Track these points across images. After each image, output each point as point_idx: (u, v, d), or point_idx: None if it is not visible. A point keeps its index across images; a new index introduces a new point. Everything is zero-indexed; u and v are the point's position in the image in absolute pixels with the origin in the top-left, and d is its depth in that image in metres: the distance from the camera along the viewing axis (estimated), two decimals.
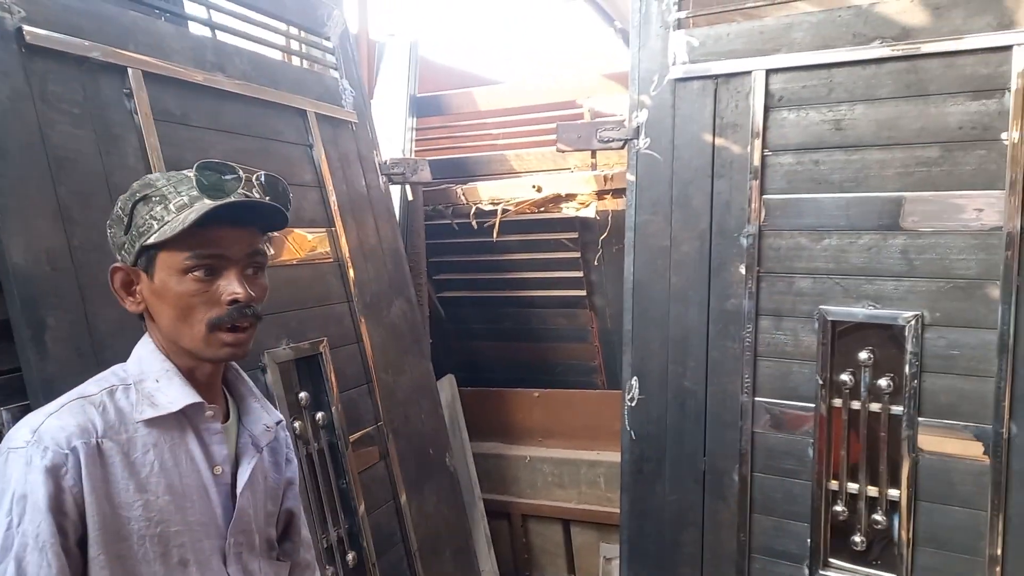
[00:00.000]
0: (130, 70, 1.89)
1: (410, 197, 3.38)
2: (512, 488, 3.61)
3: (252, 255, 1.13)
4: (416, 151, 3.71)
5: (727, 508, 2.49)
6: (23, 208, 1.57)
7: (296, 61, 2.75)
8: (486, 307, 3.85)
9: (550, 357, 3.82)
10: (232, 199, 1.09)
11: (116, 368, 1.18)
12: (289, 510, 1.39)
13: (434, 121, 3.95)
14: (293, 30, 2.70)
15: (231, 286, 1.09)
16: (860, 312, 2.25)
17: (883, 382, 2.20)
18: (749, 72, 2.40)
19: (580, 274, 3.58)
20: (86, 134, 1.75)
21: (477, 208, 3.43)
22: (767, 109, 2.37)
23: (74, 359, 1.59)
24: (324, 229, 2.47)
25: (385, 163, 2.96)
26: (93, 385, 1.13)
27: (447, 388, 3.55)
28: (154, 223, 1.08)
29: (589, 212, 3.29)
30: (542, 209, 3.39)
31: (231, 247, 1.10)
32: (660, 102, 2.56)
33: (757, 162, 2.38)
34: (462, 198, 3.46)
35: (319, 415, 2.24)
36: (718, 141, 2.46)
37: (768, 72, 2.37)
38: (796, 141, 2.35)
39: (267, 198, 1.16)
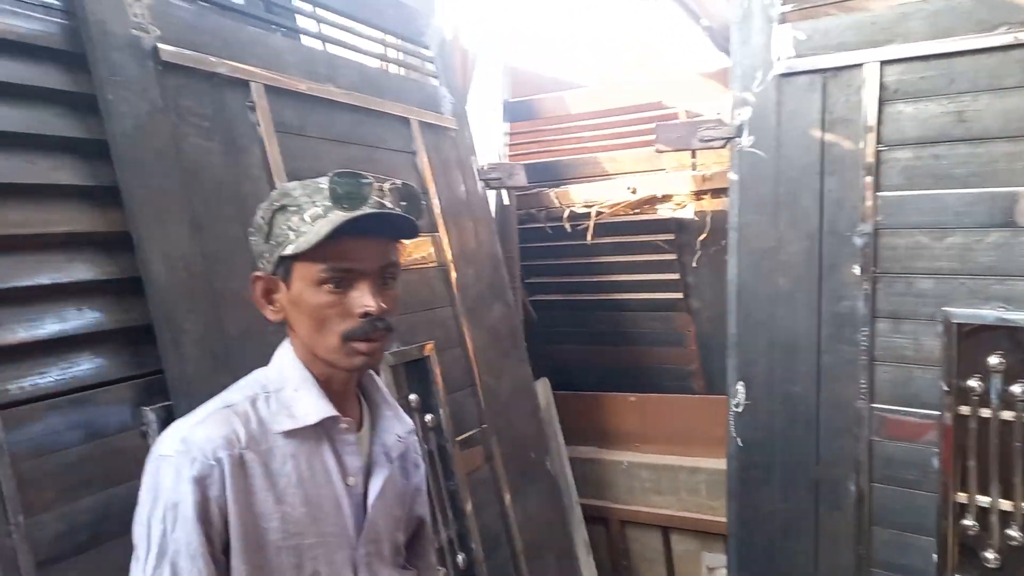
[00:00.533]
0: (252, 84, 1.98)
1: (506, 201, 3.40)
2: (609, 493, 3.58)
3: (384, 268, 1.13)
4: (510, 156, 3.74)
5: (843, 519, 2.39)
6: (161, 218, 1.65)
7: (398, 70, 2.81)
8: (580, 310, 3.83)
9: (645, 361, 3.77)
10: (363, 211, 1.08)
11: (258, 374, 1.20)
12: (419, 517, 1.40)
13: (526, 126, 3.97)
14: (396, 40, 2.76)
15: (363, 299, 1.09)
16: (989, 314, 2.12)
17: (1017, 389, 2.07)
18: (861, 65, 2.31)
19: (676, 276, 3.52)
20: (215, 145, 1.83)
21: (570, 211, 3.42)
22: (881, 102, 2.28)
23: (208, 361, 1.66)
24: (428, 234, 2.51)
25: (482, 168, 2.99)
26: (237, 392, 1.16)
27: (541, 392, 3.55)
28: (291, 233, 1.09)
29: (687, 213, 3.24)
30: (637, 211, 3.35)
31: (363, 260, 1.10)
32: (764, 99, 2.49)
33: (871, 158, 2.29)
34: (555, 201, 3.46)
35: (428, 417, 2.27)
36: (827, 137, 2.38)
37: (882, 64, 2.28)
38: (914, 135, 2.25)
39: (400, 206, 1.16)
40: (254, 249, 1.17)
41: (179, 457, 1.04)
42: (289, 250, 1.08)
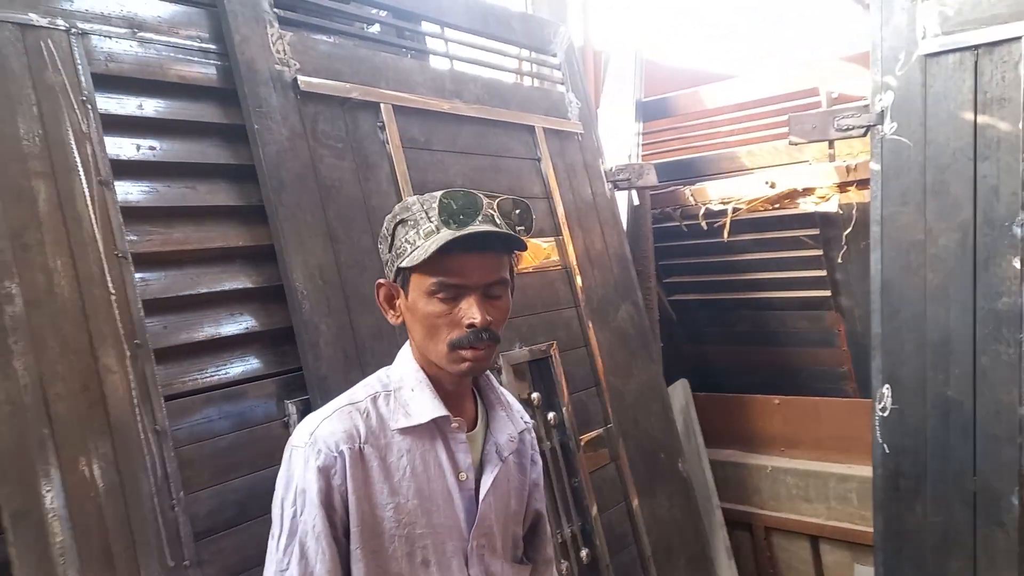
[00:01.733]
0: (382, 105, 2.15)
1: (636, 202, 3.39)
2: (753, 498, 3.46)
3: (492, 282, 1.17)
4: (643, 155, 3.72)
5: (1005, 535, 2.18)
6: (300, 232, 1.85)
7: (525, 80, 2.91)
8: (720, 310, 3.73)
9: (792, 362, 3.60)
10: (468, 231, 1.13)
11: (381, 373, 1.30)
12: (536, 511, 1.45)
13: (661, 124, 3.93)
14: (522, 52, 2.86)
15: (470, 311, 1.15)
16: None
17: None
18: (1019, 38, 2.10)
19: (823, 273, 3.34)
20: (348, 164, 2.01)
21: (706, 208, 3.35)
22: None
23: (341, 360, 1.83)
24: (552, 238, 2.59)
25: (610, 170, 3.01)
26: (361, 390, 1.25)
27: (680, 393, 3.50)
28: (407, 246, 1.16)
29: (830, 206, 3.07)
30: (777, 206, 3.22)
31: (471, 275, 1.15)
32: (907, 81, 2.32)
33: None
34: (691, 199, 3.40)
35: (550, 415, 2.34)
36: (981, 119, 2.18)
37: None
38: None
39: (510, 216, 1.20)
40: (382, 258, 1.26)
41: (307, 448, 1.16)
42: (405, 262, 1.16)
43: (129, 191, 1.63)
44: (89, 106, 1.56)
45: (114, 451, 1.46)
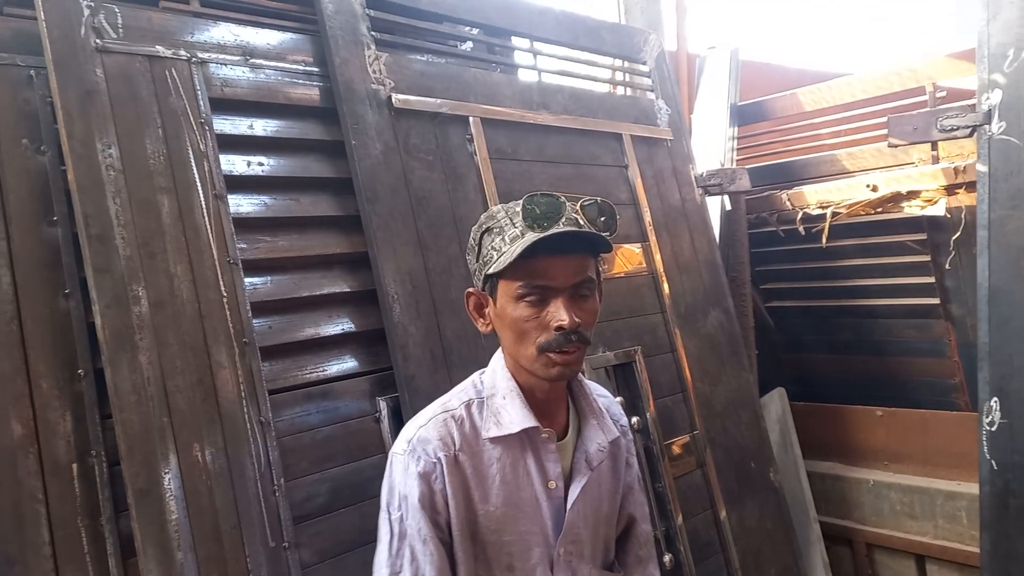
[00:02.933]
0: (471, 118, 2.25)
1: (729, 207, 3.35)
2: (854, 513, 3.33)
3: (579, 283, 1.19)
4: (738, 159, 3.66)
5: None
6: (392, 240, 1.97)
7: (614, 89, 2.95)
8: (819, 317, 3.62)
9: (897, 372, 3.45)
10: (552, 232, 1.14)
11: (475, 378, 1.34)
12: (630, 514, 1.45)
13: (757, 127, 3.85)
14: (612, 61, 2.90)
15: (558, 313, 1.16)
16: None
17: None
18: None
19: (931, 280, 3.18)
20: (437, 176, 2.13)
21: (804, 213, 3.26)
22: None
23: (428, 360, 1.94)
24: (639, 244, 2.61)
25: (701, 176, 3.00)
26: (456, 397, 1.30)
27: (777, 402, 3.42)
28: (494, 253, 1.19)
29: (937, 210, 2.93)
30: (879, 210, 3.10)
31: (557, 277, 1.17)
32: (1017, 79, 2.21)
33: None
34: (787, 203, 3.32)
35: (634, 419, 2.36)
36: None
37: None
38: None
39: (594, 221, 1.21)
40: (470, 268, 1.29)
41: (407, 456, 1.23)
42: (492, 269, 1.19)
43: (240, 203, 1.80)
44: (207, 127, 1.73)
45: (224, 439, 1.61)
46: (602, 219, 1.23)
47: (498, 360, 1.30)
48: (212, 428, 1.60)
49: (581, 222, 1.20)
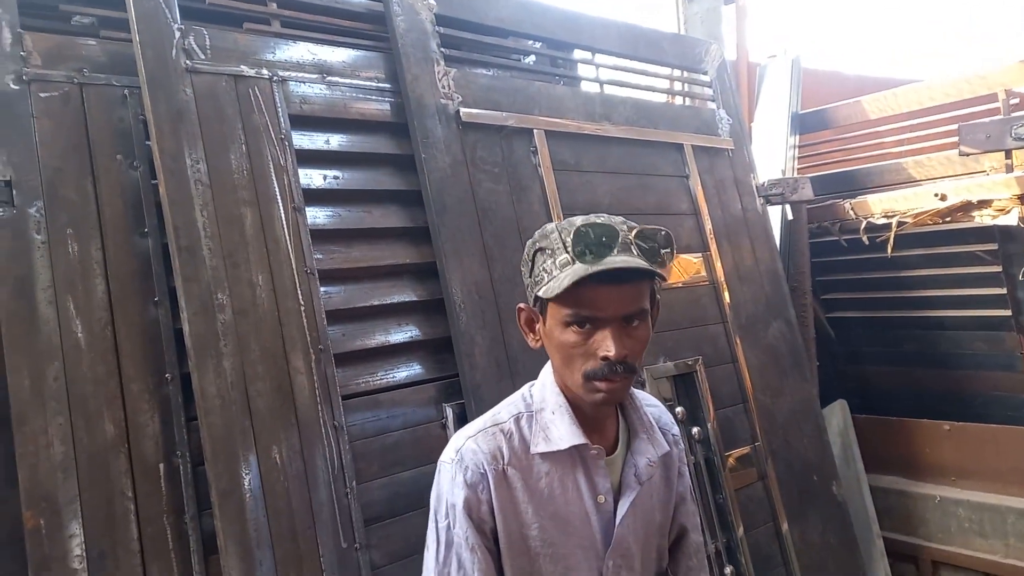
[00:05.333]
0: (535, 131, 2.29)
1: (791, 216, 3.32)
2: (919, 530, 3.25)
3: (628, 315, 1.16)
4: (800, 168, 3.62)
5: None
6: (459, 251, 2.02)
7: (676, 99, 2.95)
8: (883, 328, 3.55)
9: (965, 386, 3.35)
10: (600, 268, 1.12)
11: (525, 391, 1.34)
12: (681, 525, 1.45)
13: (819, 136, 3.80)
14: (673, 72, 2.90)
15: (605, 343, 1.14)
16: None
17: None
18: None
19: (1003, 291, 3.09)
20: (503, 188, 2.17)
21: (868, 222, 3.20)
22: None
23: (493, 368, 1.98)
24: (699, 254, 2.61)
25: (763, 185, 2.98)
26: (505, 411, 1.29)
27: (839, 414, 3.36)
28: (544, 275, 1.17)
29: (1010, 219, 2.85)
30: (948, 219, 3.03)
31: (605, 308, 1.14)
32: None
33: None
34: (851, 213, 3.27)
35: (695, 430, 2.37)
36: None
37: None
38: None
39: (649, 250, 1.17)
40: (524, 281, 1.28)
41: (454, 465, 1.24)
42: (541, 292, 1.18)
43: (316, 215, 1.87)
44: (286, 143, 1.81)
45: (300, 442, 1.68)
46: (658, 244, 1.19)
47: (547, 374, 1.30)
48: (290, 431, 1.67)
49: (634, 250, 1.16)
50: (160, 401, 1.62)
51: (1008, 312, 3.11)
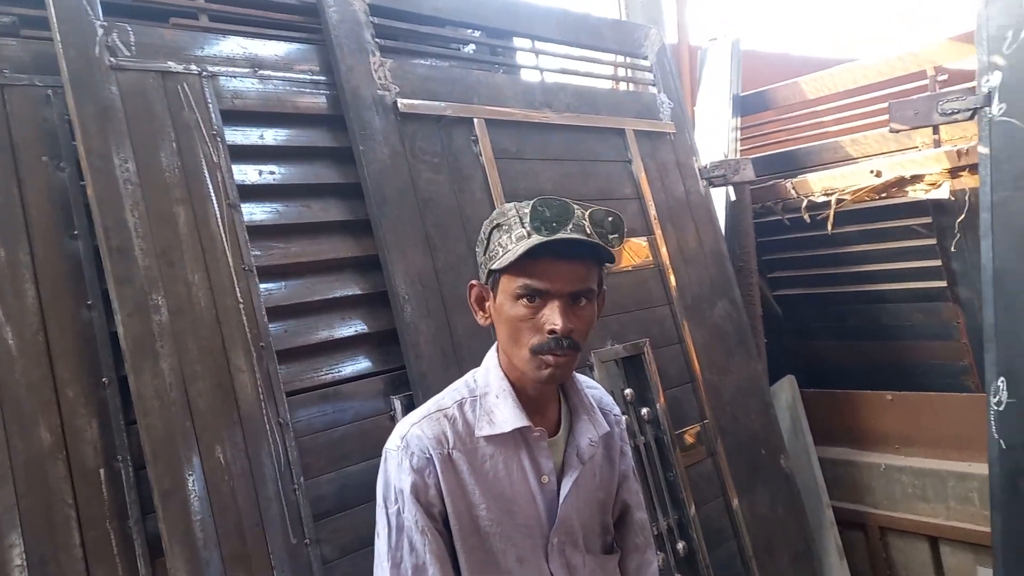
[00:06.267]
0: (475, 120, 2.29)
1: (734, 197, 3.38)
2: (866, 498, 3.35)
3: (577, 291, 1.20)
4: (742, 150, 3.68)
5: None
6: (401, 242, 2.02)
7: (616, 85, 2.98)
8: (827, 304, 3.64)
9: (906, 357, 3.47)
10: (556, 237, 1.16)
11: (468, 377, 1.36)
12: (624, 501, 1.49)
13: (760, 117, 3.87)
14: (613, 58, 2.93)
15: (552, 317, 1.18)
16: None
17: None
18: None
19: (938, 263, 3.20)
20: (444, 178, 2.17)
21: (809, 201, 3.28)
22: None
23: (440, 358, 1.99)
24: (644, 237, 2.64)
25: (705, 167, 3.03)
26: (448, 397, 1.32)
27: (787, 390, 3.44)
28: (500, 250, 1.21)
29: (941, 193, 2.94)
30: (884, 195, 3.11)
31: (556, 281, 1.18)
32: (1017, 60, 2.22)
33: None
34: (792, 192, 3.34)
35: (644, 411, 2.41)
36: None
37: None
38: None
39: (602, 227, 1.22)
40: (478, 260, 1.31)
41: (400, 452, 1.26)
42: (495, 265, 1.21)
43: (253, 212, 1.85)
44: (219, 139, 1.79)
45: (244, 441, 1.67)
46: (610, 226, 1.24)
47: (492, 358, 1.33)
48: (233, 430, 1.66)
49: (588, 230, 1.21)
50: (97, 405, 1.60)
51: (944, 283, 3.22)
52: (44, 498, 1.50)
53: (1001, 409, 2.31)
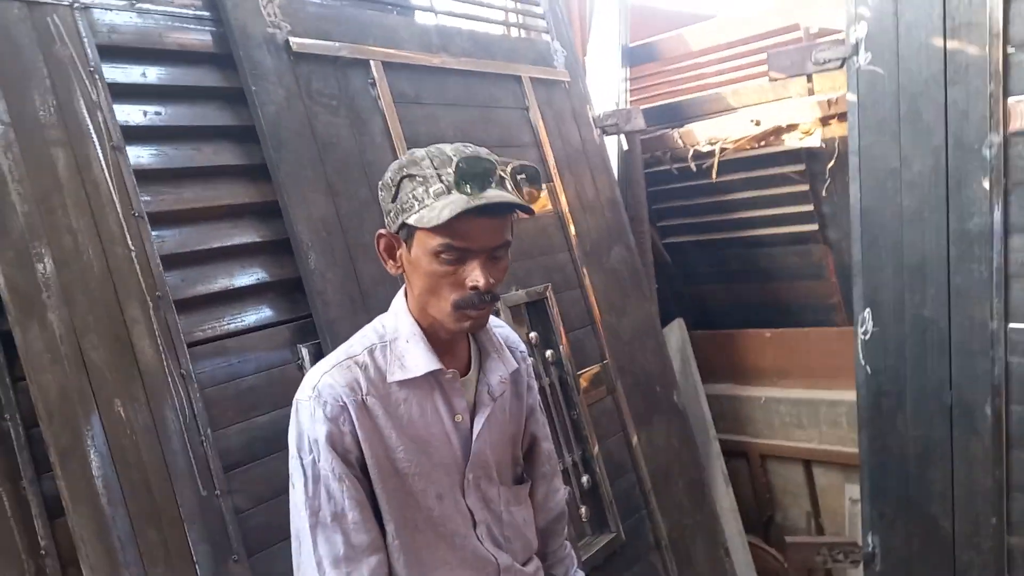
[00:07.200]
0: (372, 62, 2.23)
1: (625, 147, 3.48)
2: (748, 429, 3.61)
3: (497, 247, 1.20)
4: (632, 100, 3.78)
5: (980, 443, 2.33)
6: (301, 186, 1.96)
7: (512, 31, 2.97)
8: (712, 249, 3.84)
9: (783, 296, 3.73)
10: (482, 201, 1.13)
11: (376, 323, 1.34)
12: (532, 434, 1.54)
13: (648, 68, 3.98)
14: (507, 3, 2.92)
15: (474, 273, 1.18)
16: None
17: None
18: None
19: (810, 208, 3.43)
20: (342, 121, 2.11)
21: (695, 150, 3.43)
22: (1007, 1, 2.12)
23: (347, 305, 1.96)
24: (544, 185, 2.69)
25: (599, 116, 3.10)
26: (358, 344, 1.30)
27: (677, 331, 3.63)
28: (415, 203, 1.17)
29: (814, 141, 3.15)
30: (763, 144, 3.30)
31: (478, 239, 1.17)
32: (880, 12, 2.39)
33: (999, 62, 2.15)
34: (679, 142, 3.48)
35: (548, 353, 2.48)
36: (950, 44, 2.26)
37: None
38: None
39: (521, 185, 1.22)
40: (382, 205, 1.26)
41: (312, 402, 1.24)
42: (412, 220, 1.17)
43: (140, 155, 1.74)
44: (97, 76, 1.66)
45: (146, 394, 1.59)
46: (528, 183, 1.24)
47: (400, 302, 1.32)
48: (132, 384, 1.58)
49: (509, 187, 1.21)
50: None
51: (815, 227, 3.46)
52: None
53: (867, 338, 2.54)
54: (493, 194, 1.16)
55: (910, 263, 2.41)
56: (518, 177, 1.24)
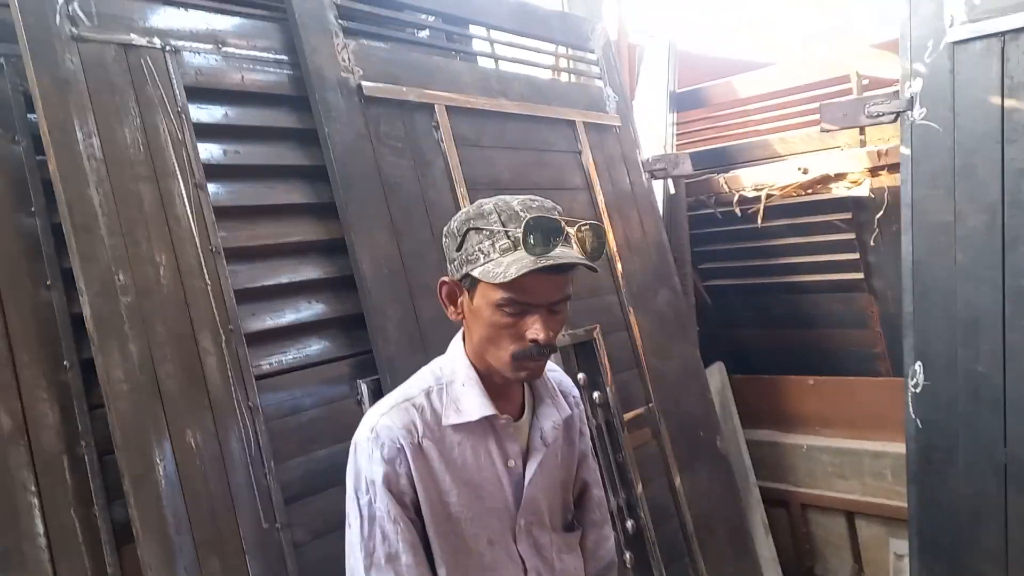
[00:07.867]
0: (436, 106, 2.30)
1: (672, 190, 3.51)
2: (789, 477, 3.57)
3: (557, 301, 1.22)
4: (678, 145, 3.83)
5: None
6: (366, 225, 2.01)
7: (565, 76, 3.04)
8: (754, 294, 3.84)
9: (826, 344, 3.70)
10: (548, 263, 1.14)
11: (433, 365, 1.37)
12: (584, 480, 1.55)
13: (695, 114, 4.03)
14: (562, 49, 2.99)
15: (535, 327, 1.20)
16: None
17: None
18: None
19: (856, 256, 3.43)
20: (407, 162, 2.17)
21: (740, 195, 3.45)
22: None
23: (406, 343, 2.00)
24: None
25: (647, 160, 3.14)
26: (415, 386, 1.33)
27: (717, 375, 3.62)
28: (480, 256, 1.20)
29: (862, 191, 3.16)
30: (809, 191, 3.31)
31: (540, 295, 1.19)
32: (936, 68, 2.41)
33: None
34: (724, 187, 3.50)
35: (595, 395, 2.49)
36: (1008, 103, 2.27)
37: None
38: None
39: (588, 246, 1.23)
40: (446, 253, 1.28)
41: (370, 443, 1.27)
42: (476, 272, 1.20)
43: (218, 192, 1.80)
44: (184, 116, 1.73)
45: (215, 424, 1.64)
46: (595, 244, 1.25)
47: (457, 346, 1.34)
48: (203, 414, 1.62)
49: (574, 244, 1.22)
50: (59, 389, 1.53)
51: (861, 275, 3.45)
52: (5, 485, 1.43)
53: (918, 391, 2.51)
54: (558, 253, 1.17)
55: (963, 318, 2.40)
56: (593, 235, 1.24)
